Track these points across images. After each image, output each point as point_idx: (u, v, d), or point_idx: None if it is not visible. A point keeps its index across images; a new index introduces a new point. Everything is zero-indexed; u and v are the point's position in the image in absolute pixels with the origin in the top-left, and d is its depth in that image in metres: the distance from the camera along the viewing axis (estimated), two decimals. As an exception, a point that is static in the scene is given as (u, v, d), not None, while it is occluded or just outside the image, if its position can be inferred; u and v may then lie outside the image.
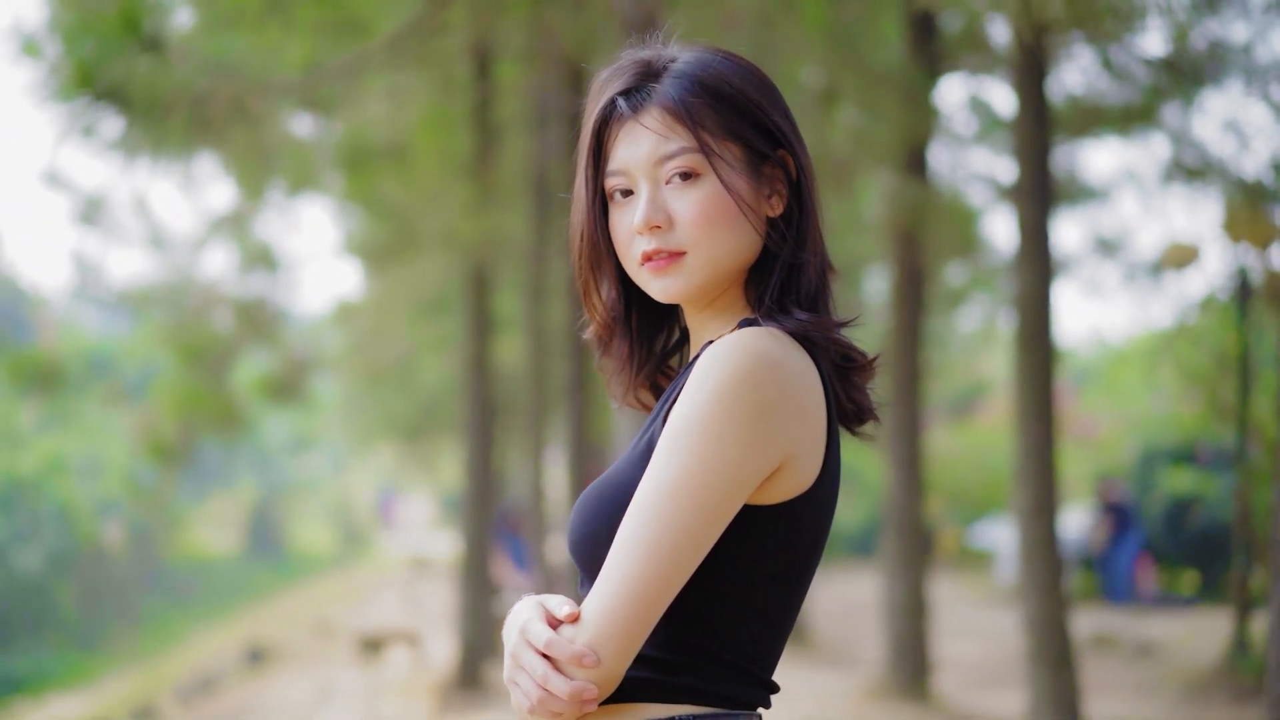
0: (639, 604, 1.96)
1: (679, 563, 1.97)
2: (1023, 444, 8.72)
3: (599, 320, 2.32)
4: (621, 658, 1.98)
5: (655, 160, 2.14)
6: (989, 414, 30.13)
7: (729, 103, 2.15)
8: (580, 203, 2.24)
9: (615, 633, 1.96)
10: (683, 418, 2.00)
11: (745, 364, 1.99)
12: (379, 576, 34.04)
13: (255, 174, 12.53)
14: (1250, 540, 12.48)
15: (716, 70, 2.17)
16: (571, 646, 1.96)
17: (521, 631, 2.02)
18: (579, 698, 1.95)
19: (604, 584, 1.98)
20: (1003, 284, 20.14)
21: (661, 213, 2.13)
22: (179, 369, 16.21)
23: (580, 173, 2.24)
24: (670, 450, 1.99)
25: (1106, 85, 11.98)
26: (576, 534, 2.15)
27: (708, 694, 2.07)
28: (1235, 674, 12.04)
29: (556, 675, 1.96)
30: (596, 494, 2.15)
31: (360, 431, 29.36)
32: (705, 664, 2.07)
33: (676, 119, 2.13)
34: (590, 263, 2.26)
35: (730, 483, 1.98)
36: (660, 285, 2.16)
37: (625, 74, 2.21)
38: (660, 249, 2.14)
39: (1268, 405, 12.61)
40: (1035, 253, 8.70)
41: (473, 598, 13.09)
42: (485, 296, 13.24)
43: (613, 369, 2.38)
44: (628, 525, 1.99)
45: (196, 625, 29.13)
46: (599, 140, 2.21)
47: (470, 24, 7.86)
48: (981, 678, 13.04)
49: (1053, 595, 8.56)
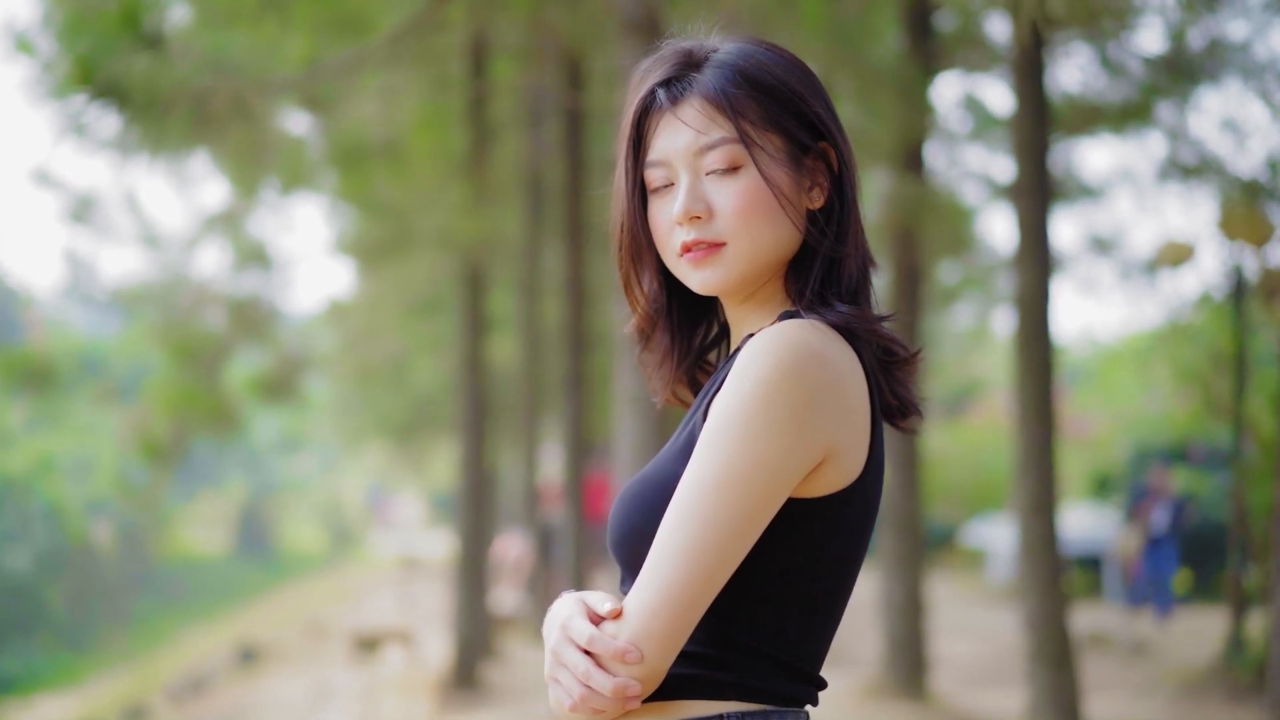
0: (682, 600, 1.94)
1: (722, 558, 1.95)
2: (1023, 442, 8.70)
3: (640, 313, 2.29)
4: (665, 654, 1.95)
5: (696, 151, 2.11)
6: (982, 413, 30.18)
7: (771, 93, 2.13)
8: (620, 194, 2.21)
9: (659, 629, 1.94)
10: (725, 411, 1.98)
11: (787, 356, 1.97)
12: (370, 576, 34.04)
13: (249, 172, 12.50)
14: (1245, 539, 12.49)
15: (758, 61, 2.15)
16: (614, 642, 1.94)
17: (562, 628, 1.99)
18: (622, 694, 1.93)
19: (646, 579, 1.96)
20: (996, 283, 20.17)
21: (701, 203, 2.11)
22: (171, 368, 16.16)
23: (620, 163, 2.20)
24: (712, 444, 1.97)
25: (1104, 83, 11.99)
26: (619, 530, 2.12)
27: (753, 690, 2.04)
28: (1232, 673, 12.04)
29: (599, 672, 1.94)
30: (638, 489, 2.12)
31: (351, 431, 29.34)
32: (750, 660, 2.04)
33: (718, 109, 2.11)
34: (631, 254, 2.22)
35: (773, 476, 1.96)
36: (699, 277, 2.14)
37: (666, 64, 2.18)
38: (700, 240, 2.11)
39: (1262, 404, 12.61)
40: (1034, 251, 8.67)
41: (467, 596, 13.04)
42: (479, 295, 13.20)
43: (653, 363, 2.35)
44: (670, 520, 1.97)
45: (186, 625, 29.10)
46: (638, 131, 2.18)
47: (470, 20, 7.83)
48: (978, 677, 13.03)
49: (1053, 594, 8.54)
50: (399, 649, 16.00)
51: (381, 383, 23.51)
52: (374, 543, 43.66)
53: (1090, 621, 15.51)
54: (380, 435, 27.93)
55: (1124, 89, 11.95)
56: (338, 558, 44.41)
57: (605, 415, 14.23)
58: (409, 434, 27.00)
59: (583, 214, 10.39)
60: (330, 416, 30.79)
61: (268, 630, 23.19)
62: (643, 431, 6.78)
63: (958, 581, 22.99)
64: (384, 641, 16.31)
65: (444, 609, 17.21)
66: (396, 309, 20.04)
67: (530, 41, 10.38)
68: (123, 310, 21.32)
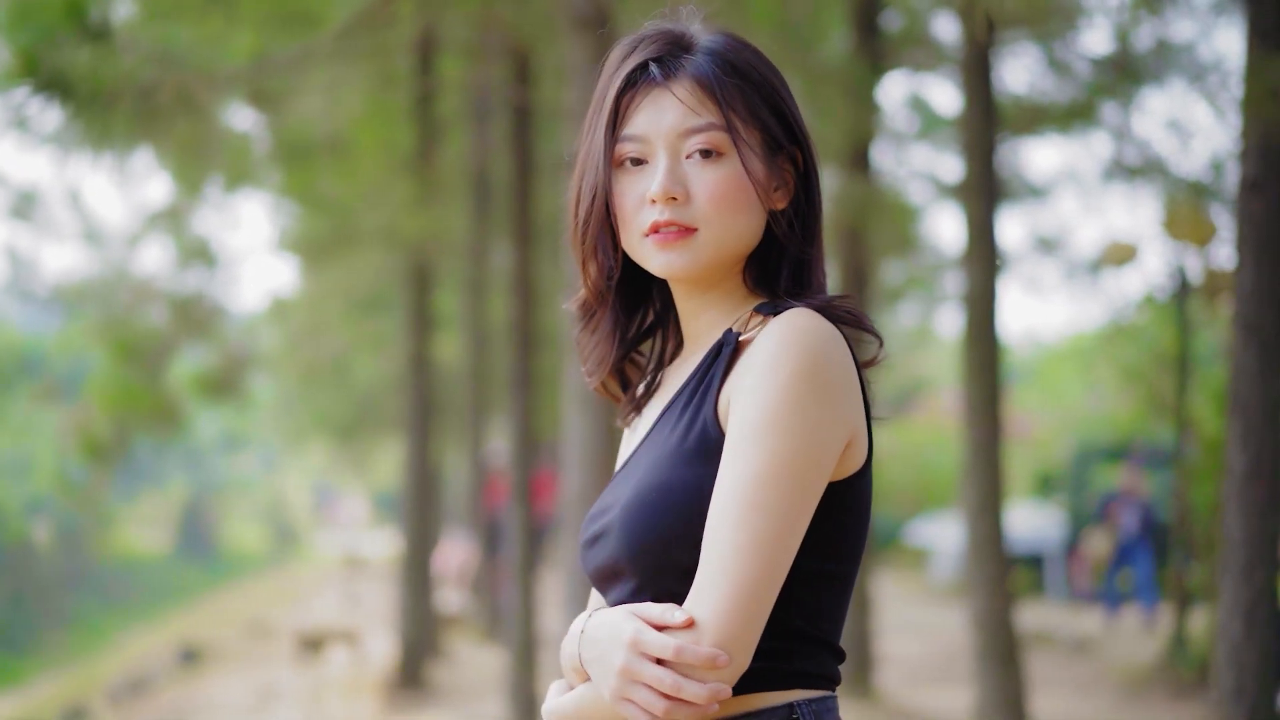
0: (756, 596, 1.95)
1: (788, 549, 1.98)
2: (970, 441, 8.74)
3: (590, 287, 2.26)
4: (747, 653, 1.97)
5: (680, 132, 2.11)
6: (926, 412, 30.30)
7: (757, 89, 2.14)
8: (593, 163, 2.18)
9: (739, 629, 1.95)
10: (767, 405, 1.99)
11: (816, 344, 2.01)
12: (314, 576, 33.87)
13: (194, 168, 12.36)
14: (1188, 538, 12.58)
15: (746, 56, 2.16)
16: (703, 650, 1.93)
17: (633, 645, 1.96)
18: (716, 699, 1.94)
19: (713, 581, 1.96)
20: (940, 282, 20.27)
21: (680, 186, 2.10)
22: (112, 366, 16.00)
23: (597, 134, 2.18)
24: (760, 438, 1.98)
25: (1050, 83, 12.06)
26: (641, 539, 2.09)
27: (815, 677, 2.09)
28: (1174, 670, 12.13)
29: (691, 682, 1.92)
30: (657, 498, 2.08)
31: (294, 430, 29.15)
32: (807, 646, 2.08)
33: (708, 94, 2.11)
34: (598, 224, 2.19)
35: (821, 463, 2.00)
36: (663, 259, 2.13)
37: (656, 42, 2.17)
38: (673, 221, 2.10)
39: (1205, 403, 12.71)
40: (982, 250, 8.72)
41: (413, 596, 12.99)
42: (425, 292, 13.15)
43: (589, 344, 2.34)
44: (728, 520, 1.97)
45: (127, 625, 28.82)
46: (618, 103, 2.15)
47: (419, 15, 7.77)
48: (924, 675, 13.08)
49: (999, 592, 8.60)
50: (344, 649, 15.92)
51: (325, 381, 23.37)
52: (318, 542, 43.47)
53: (1033, 620, 15.60)
54: (323, 434, 27.76)
55: (1070, 89, 12.03)
56: (281, 557, 44.15)
57: (553, 414, 14.19)
58: (352, 433, 26.84)
59: (530, 211, 10.35)
60: (273, 415, 30.59)
61: (210, 630, 23.00)
62: (592, 429, 6.75)
63: (902, 580, 23.08)
64: (329, 641, 16.22)
65: (389, 608, 17.15)
66: (341, 307, 19.91)
67: (478, 37, 10.32)
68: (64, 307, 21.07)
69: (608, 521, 2.16)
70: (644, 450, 2.20)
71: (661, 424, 2.19)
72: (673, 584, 2.04)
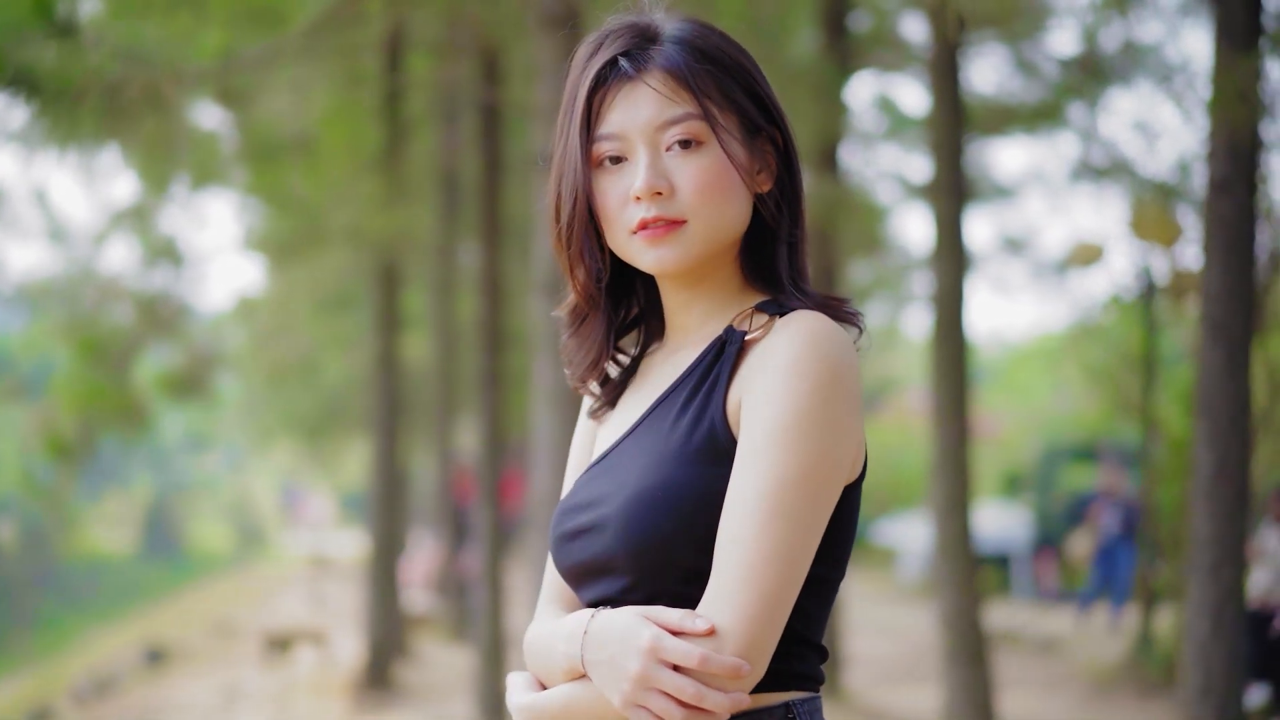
0: (779, 605, 1.93)
1: (809, 555, 1.96)
2: (938, 440, 8.76)
3: (580, 291, 2.22)
4: (766, 662, 1.94)
5: (657, 125, 2.07)
6: (893, 412, 30.35)
7: (729, 72, 2.11)
8: (570, 166, 2.13)
9: (761, 638, 1.92)
10: (789, 410, 1.95)
11: (837, 352, 1.99)
12: (280, 575, 33.73)
13: (160, 166, 12.29)
14: (1154, 537, 12.64)
15: (714, 40, 2.13)
16: (727, 660, 1.89)
17: (651, 651, 1.90)
18: (736, 709, 1.91)
19: (734, 588, 1.92)
20: (908, 282, 20.31)
21: (664, 179, 2.06)
22: (78, 365, 15.89)
23: (572, 135, 2.13)
24: (783, 444, 1.94)
25: (1018, 84, 12.10)
26: (641, 538, 2.03)
27: (805, 677, 2.07)
28: (1141, 669, 12.18)
29: (713, 692, 1.89)
30: (660, 496, 2.03)
31: (260, 429, 29.00)
32: (801, 648, 2.06)
33: (681, 84, 2.07)
34: (582, 229, 2.14)
35: (840, 469, 1.99)
36: (654, 255, 2.09)
37: (622, 36, 2.12)
38: (660, 216, 2.06)
39: (1171, 403, 12.77)
40: (950, 249, 8.75)
41: (380, 596, 12.95)
42: (393, 291, 13.11)
43: (577, 348, 2.29)
44: (749, 526, 1.93)
45: (92, 626, 28.67)
46: (589, 103, 2.11)
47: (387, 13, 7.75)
48: (892, 674, 13.11)
49: (967, 591, 8.62)
50: (311, 649, 15.85)
51: (292, 380, 23.24)
52: (284, 542, 43.30)
53: (1001, 619, 15.64)
54: (290, 433, 27.62)
55: (1037, 90, 12.07)
56: (247, 557, 43.99)
57: (521, 413, 14.17)
58: (319, 432, 26.71)
59: (499, 210, 10.33)
60: (239, 414, 30.42)
61: (176, 630, 22.89)
62: (562, 428, 6.73)
63: (869, 580, 23.11)
64: (295, 641, 16.15)
65: (356, 608, 17.09)
66: (308, 306, 19.84)
67: (446, 35, 10.29)
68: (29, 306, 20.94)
69: (599, 516, 2.09)
70: (634, 444, 2.14)
71: (655, 418, 2.13)
72: (670, 584, 2.00)
